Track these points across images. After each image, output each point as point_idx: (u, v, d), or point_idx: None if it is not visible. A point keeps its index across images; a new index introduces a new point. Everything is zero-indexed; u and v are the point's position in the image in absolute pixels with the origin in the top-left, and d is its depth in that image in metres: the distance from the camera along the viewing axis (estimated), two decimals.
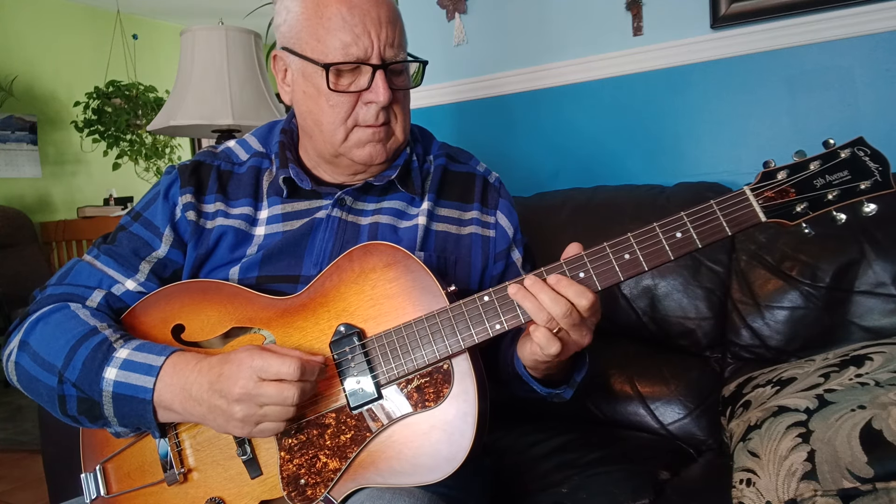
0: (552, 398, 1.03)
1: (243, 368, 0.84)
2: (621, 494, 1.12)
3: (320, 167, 1.09)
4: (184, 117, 2.27)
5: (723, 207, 0.85)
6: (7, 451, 3.07)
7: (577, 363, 1.01)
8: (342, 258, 0.94)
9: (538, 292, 0.85)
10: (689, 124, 1.76)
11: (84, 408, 0.92)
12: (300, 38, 1.00)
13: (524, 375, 0.99)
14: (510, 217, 1.13)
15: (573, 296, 0.84)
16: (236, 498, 0.93)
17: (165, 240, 1.04)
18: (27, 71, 5.07)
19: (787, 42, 1.62)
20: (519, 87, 1.98)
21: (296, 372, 0.83)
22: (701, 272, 1.47)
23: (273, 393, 0.83)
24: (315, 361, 0.87)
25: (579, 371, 1.02)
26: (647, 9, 1.78)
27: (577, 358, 1.00)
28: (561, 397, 1.03)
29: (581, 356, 1.01)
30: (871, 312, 1.30)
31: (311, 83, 1.00)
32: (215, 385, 0.86)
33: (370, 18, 0.97)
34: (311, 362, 0.86)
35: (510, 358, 1.03)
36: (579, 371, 1.02)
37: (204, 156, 1.10)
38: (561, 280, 0.85)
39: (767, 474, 0.94)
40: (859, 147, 0.83)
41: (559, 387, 1.01)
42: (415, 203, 1.08)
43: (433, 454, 0.87)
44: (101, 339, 0.92)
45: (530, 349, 0.90)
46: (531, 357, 0.91)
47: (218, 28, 2.31)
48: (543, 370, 0.95)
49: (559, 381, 1.01)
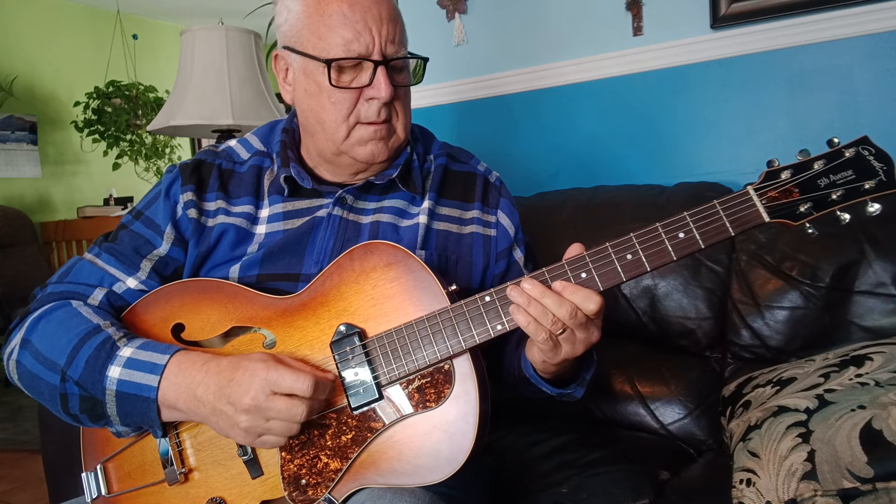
0: (562, 398, 1.02)
1: (256, 379, 0.84)
2: (621, 494, 1.12)
3: (322, 166, 1.09)
4: (184, 117, 2.27)
5: (726, 207, 0.84)
6: (7, 451, 3.07)
7: (585, 361, 1.01)
8: (343, 257, 0.94)
9: (540, 298, 0.84)
10: (689, 124, 1.76)
11: (86, 406, 0.92)
12: (301, 37, 1.00)
13: (533, 378, 0.98)
14: (511, 216, 1.13)
15: (580, 301, 0.84)
16: (237, 498, 0.94)
17: (167, 238, 1.04)
18: (27, 71, 5.07)
19: (787, 42, 1.62)
20: (519, 87, 1.98)
21: (309, 389, 0.83)
22: (701, 272, 1.47)
23: (283, 408, 0.84)
24: (327, 379, 0.87)
25: (588, 369, 1.01)
26: (647, 9, 1.78)
27: (584, 356, 0.99)
28: (572, 397, 1.02)
29: (588, 353, 1.00)
30: (871, 312, 1.30)
31: (312, 81, 1.00)
32: (224, 390, 0.85)
33: (371, 15, 0.97)
34: (324, 379, 0.86)
35: (517, 361, 1.02)
36: (588, 369, 1.01)
37: (205, 154, 1.10)
38: (567, 286, 0.85)
39: (767, 474, 0.94)
40: (864, 146, 0.82)
41: (569, 386, 1.01)
42: (416, 202, 1.08)
43: (434, 455, 0.87)
44: (105, 338, 0.92)
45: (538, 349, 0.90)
46: (539, 358, 0.91)
47: (218, 28, 2.31)
48: (553, 371, 0.94)
49: (569, 380, 1.00)
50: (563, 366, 0.92)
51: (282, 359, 0.88)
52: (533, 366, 0.95)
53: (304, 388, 0.83)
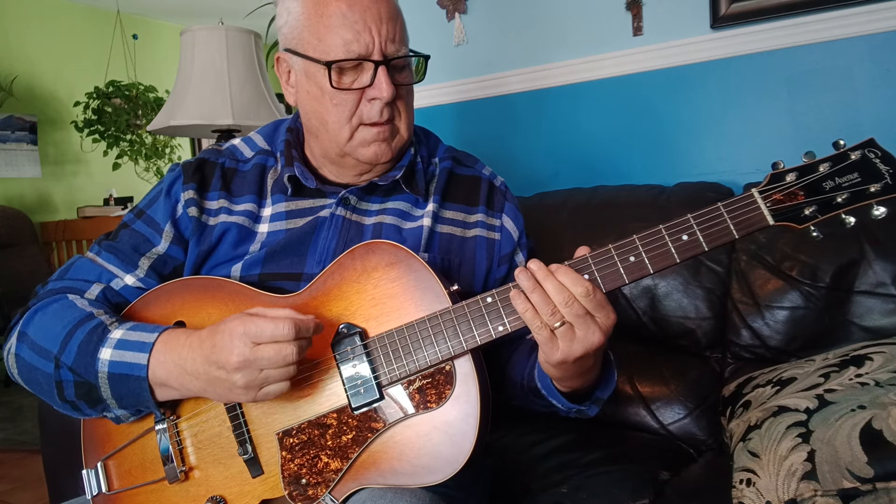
0: (572, 414, 1.00)
1: (236, 336, 0.83)
2: (621, 494, 1.12)
3: (326, 167, 1.09)
4: (184, 117, 2.27)
5: (730, 210, 0.84)
6: (7, 451, 3.07)
7: (602, 380, 0.98)
8: (344, 256, 0.94)
9: (542, 280, 0.84)
10: (689, 124, 1.76)
11: (82, 392, 0.92)
12: (302, 39, 1.00)
13: (544, 387, 0.97)
14: (516, 220, 1.13)
15: (569, 283, 0.83)
16: (237, 497, 0.94)
17: (165, 236, 1.04)
18: (27, 71, 5.07)
19: (787, 42, 1.62)
20: (518, 87, 1.98)
21: (290, 331, 0.82)
22: (701, 272, 1.48)
23: (271, 355, 0.83)
24: (308, 319, 0.85)
25: (604, 389, 0.99)
26: (647, 9, 1.78)
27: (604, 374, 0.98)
28: (584, 414, 1.00)
29: (608, 372, 0.98)
30: (871, 312, 1.30)
31: (314, 83, 1.00)
32: (211, 357, 0.85)
33: (371, 15, 0.97)
34: (303, 320, 0.84)
35: (528, 370, 1.01)
36: (604, 389, 0.99)
37: (208, 153, 1.10)
38: (560, 268, 0.84)
39: (767, 474, 0.94)
40: (870, 149, 0.81)
41: (582, 403, 0.99)
42: (419, 204, 1.08)
43: (434, 455, 0.87)
44: (97, 323, 0.93)
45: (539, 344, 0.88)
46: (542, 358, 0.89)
47: (218, 28, 2.31)
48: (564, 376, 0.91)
49: (582, 396, 0.98)
50: (565, 368, 0.89)
51: (257, 311, 0.87)
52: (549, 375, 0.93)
53: (286, 333, 0.82)
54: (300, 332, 0.84)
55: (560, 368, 0.88)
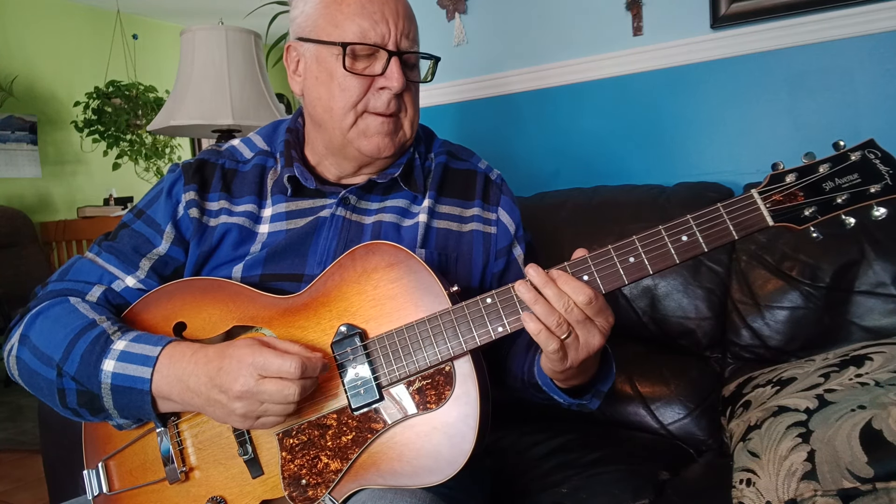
0: (573, 408, 1.01)
1: (244, 366, 0.84)
2: (621, 494, 1.13)
3: (327, 161, 1.08)
4: (184, 117, 2.27)
5: (730, 211, 0.84)
6: (7, 451, 3.07)
7: (601, 372, 0.99)
8: (345, 257, 0.94)
9: (541, 287, 0.84)
10: (689, 124, 1.76)
11: (84, 400, 0.92)
12: (317, 26, 1.01)
13: (545, 385, 0.97)
14: (512, 214, 1.13)
15: (571, 291, 0.83)
16: (238, 497, 0.94)
17: (166, 237, 1.04)
18: (27, 71, 5.07)
19: (787, 42, 1.62)
20: (518, 87, 1.98)
21: (297, 370, 0.83)
22: (701, 272, 1.48)
23: (274, 390, 0.83)
24: (316, 358, 0.87)
25: (603, 381, 0.99)
26: (647, 9, 1.78)
27: (603, 367, 0.98)
28: (585, 408, 1.01)
29: (607, 366, 0.99)
30: (871, 312, 1.30)
31: (324, 68, 1.01)
32: (215, 380, 0.86)
33: (389, 8, 0.99)
34: (311, 360, 0.86)
35: (528, 366, 1.02)
36: (603, 381, 0.99)
37: (208, 154, 1.10)
38: (561, 275, 0.85)
39: (767, 474, 0.95)
40: (870, 149, 0.81)
41: (583, 397, 0.99)
42: (417, 201, 1.08)
43: (434, 456, 0.87)
44: (100, 332, 0.93)
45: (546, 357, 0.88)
46: (548, 367, 0.90)
47: (218, 28, 2.31)
48: (561, 378, 0.92)
49: (582, 390, 0.99)
50: (569, 373, 0.90)
51: (268, 342, 0.88)
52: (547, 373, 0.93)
53: (292, 370, 0.83)
54: (306, 372, 0.84)
55: (563, 373, 0.89)
